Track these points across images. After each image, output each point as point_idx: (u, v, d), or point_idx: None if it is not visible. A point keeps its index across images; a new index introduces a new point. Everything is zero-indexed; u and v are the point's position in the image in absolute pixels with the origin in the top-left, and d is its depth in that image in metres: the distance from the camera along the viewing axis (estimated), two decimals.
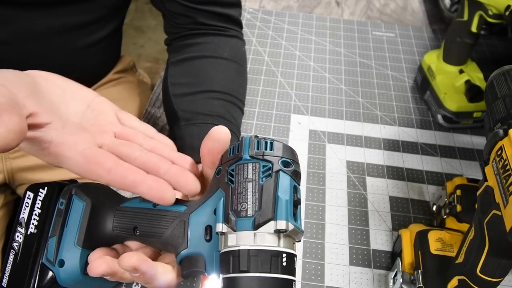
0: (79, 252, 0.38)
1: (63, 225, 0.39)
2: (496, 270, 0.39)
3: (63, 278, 0.38)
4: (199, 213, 0.36)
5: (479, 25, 0.67)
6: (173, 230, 0.36)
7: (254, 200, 0.32)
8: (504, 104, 0.39)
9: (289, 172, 0.33)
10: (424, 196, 0.63)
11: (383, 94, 0.77)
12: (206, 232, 0.35)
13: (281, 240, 0.31)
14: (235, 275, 0.31)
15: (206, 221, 0.35)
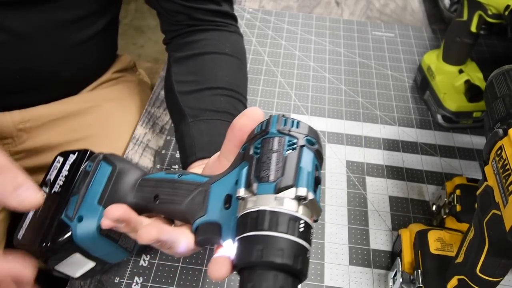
0: (100, 210, 0.38)
1: (88, 184, 0.40)
2: (495, 269, 0.39)
3: (79, 235, 0.38)
4: (221, 183, 0.36)
5: (479, 25, 0.67)
6: (193, 198, 0.37)
7: (277, 169, 0.32)
8: (504, 103, 0.39)
9: (313, 149, 0.34)
10: (423, 196, 0.63)
11: (383, 94, 0.77)
12: (226, 201, 0.35)
13: (300, 207, 0.31)
14: (250, 234, 0.31)
15: (227, 191, 0.36)
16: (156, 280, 0.52)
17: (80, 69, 0.71)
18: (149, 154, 0.66)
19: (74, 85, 0.74)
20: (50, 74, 0.67)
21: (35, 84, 0.67)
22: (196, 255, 0.55)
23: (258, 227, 0.30)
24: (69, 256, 0.40)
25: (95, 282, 0.53)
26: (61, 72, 0.68)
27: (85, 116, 0.74)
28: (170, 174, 0.39)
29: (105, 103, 0.76)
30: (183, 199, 0.37)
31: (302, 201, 0.31)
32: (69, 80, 0.71)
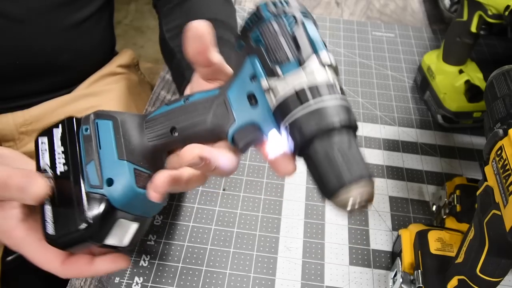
0: (125, 164, 0.35)
1: (97, 147, 0.36)
2: (496, 270, 0.39)
3: (116, 197, 0.35)
4: (236, 86, 0.35)
5: (479, 25, 0.67)
6: (215, 112, 0.35)
7: (290, 47, 0.32)
8: (504, 104, 0.39)
9: (312, 20, 0.34)
10: (424, 196, 0.63)
11: (383, 94, 0.77)
12: (250, 100, 0.34)
13: (328, 73, 0.32)
14: (299, 113, 0.30)
15: (246, 90, 0.34)
16: (156, 280, 0.52)
17: (79, 53, 0.71)
18: None
19: (75, 72, 0.73)
20: (49, 58, 0.67)
21: (35, 70, 0.67)
22: (196, 255, 0.55)
23: (304, 102, 0.30)
24: (113, 225, 0.36)
25: (95, 282, 0.53)
26: (60, 56, 0.68)
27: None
28: (174, 104, 0.37)
29: (106, 103, 0.76)
30: (205, 118, 0.35)
31: (328, 66, 0.32)
32: (69, 65, 0.70)
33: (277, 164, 0.34)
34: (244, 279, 0.53)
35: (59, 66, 0.69)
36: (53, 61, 0.68)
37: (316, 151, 0.30)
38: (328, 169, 0.30)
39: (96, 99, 0.76)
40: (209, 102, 0.36)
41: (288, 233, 0.58)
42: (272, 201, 0.61)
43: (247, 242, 0.56)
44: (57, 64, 0.69)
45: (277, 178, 0.64)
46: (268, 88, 0.32)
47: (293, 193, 0.62)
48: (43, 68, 0.68)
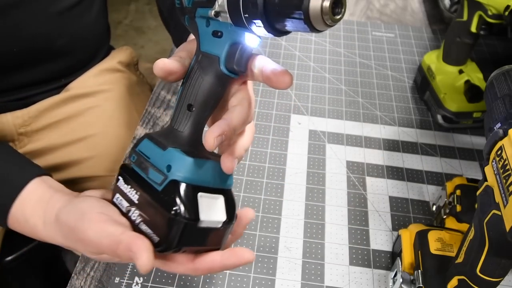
0: (171, 150, 0.39)
1: (146, 159, 0.40)
2: (496, 270, 0.39)
3: (180, 174, 0.37)
4: (202, 40, 0.40)
5: (479, 25, 0.67)
6: (204, 68, 0.40)
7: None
8: (504, 104, 0.39)
9: None
10: (424, 196, 0.63)
11: (383, 94, 0.77)
12: (216, 36, 0.39)
13: None
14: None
15: (210, 33, 0.39)
16: (156, 280, 0.52)
17: (74, 37, 0.70)
18: None
19: (73, 58, 0.72)
20: (45, 43, 0.66)
21: (32, 57, 0.66)
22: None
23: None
24: (196, 200, 0.38)
25: (95, 282, 0.53)
26: (55, 40, 0.67)
27: (85, 117, 0.74)
28: (177, 94, 0.42)
29: (105, 103, 0.76)
30: (202, 78, 0.39)
31: None
32: (65, 51, 0.70)
33: (273, 77, 0.37)
34: (244, 279, 0.53)
35: (56, 52, 0.68)
36: (49, 46, 0.67)
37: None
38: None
39: (94, 99, 0.76)
40: (196, 67, 0.40)
41: (288, 233, 0.58)
42: (272, 201, 0.61)
43: (247, 242, 0.56)
44: (53, 49, 0.68)
45: (277, 178, 0.64)
46: (216, 11, 0.36)
47: (293, 193, 0.62)
48: (40, 53, 0.67)
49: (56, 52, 0.69)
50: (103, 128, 0.75)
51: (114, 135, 0.75)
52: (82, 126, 0.74)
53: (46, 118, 0.72)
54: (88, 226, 0.39)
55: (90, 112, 0.75)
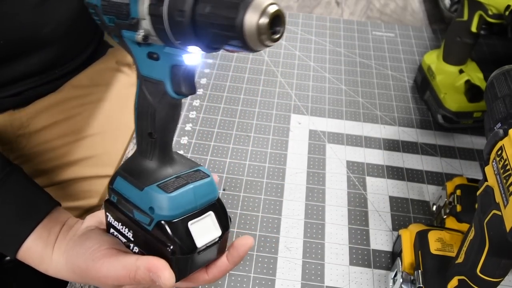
0: (147, 190, 0.38)
1: (127, 200, 0.40)
2: (496, 270, 0.39)
3: (165, 213, 0.38)
4: (139, 63, 0.38)
5: (479, 25, 0.67)
6: (152, 93, 0.38)
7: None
8: (504, 104, 0.39)
9: None
10: (424, 196, 0.63)
11: (383, 94, 0.77)
12: (152, 58, 0.37)
13: None
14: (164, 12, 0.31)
15: (144, 55, 0.37)
16: None
17: (60, 24, 0.67)
18: None
19: (63, 46, 0.70)
20: (31, 32, 0.64)
21: (20, 47, 0.65)
22: None
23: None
24: (189, 231, 0.38)
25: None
26: (41, 28, 0.65)
27: (83, 118, 0.74)
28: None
29: (103, 104, 0.76)
30: (155, 106, 0.38)
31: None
32: (54, 38, 0.68)
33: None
34: (244, 279, 0.53)
35: (43, 40, 0.66)
36: (35, 35, 0.65)
37: (201, 14, 0.29)
38: (222, 9, 0.28)
39: (92, 99, 0.75)
40: (143, 95, 0.39)
41: (288, 233, 0.58)
42: (272, 201, 0.61)
43: None
44: (40, 37, 0.66)
45: (277, 178, 0.64)
46: (144, 35, 0.33)
47: (293, 193, 0.62)
48: (27, 44, 0.65)
49: (44, 41, 0.67)
50: (102, 128, 0.74)
51: (113, 135, 0.75)
52: (81, 127, 0.73)
53: (44, 119, 0.71)
54: (101, 264, 0.41)
55: (88, 112, 0.74)
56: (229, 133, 0.69)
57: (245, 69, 0.80)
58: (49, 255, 0.47)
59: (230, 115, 0.72)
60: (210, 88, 0.76)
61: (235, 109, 0.73)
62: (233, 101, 0.74)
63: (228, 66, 0.80)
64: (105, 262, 0.41)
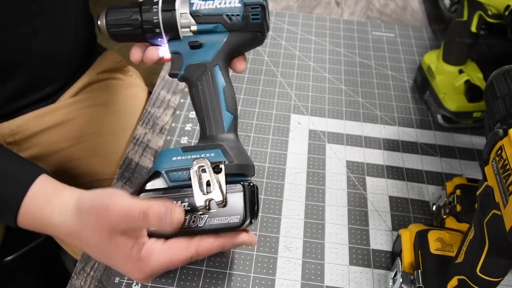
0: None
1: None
2: (496, 270, 0.39)
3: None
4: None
5: (479, 25, 0.67)
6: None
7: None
8: (504, 104, 0.39)
9: None
10: (424, 196, 0.63)
11: (383, 94, 0.77)
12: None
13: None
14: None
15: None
16: (156, 280, 0.52)
17: (50, 38, 0.66)
18: (149, 154, 0.66)
19: (54, 62, 0.68)
20: (21, 45, 0.63)
21: (11, 61, 0.63)
22: None
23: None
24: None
25: (95, 282, 0.53)
26: (31, 42, 0.63)
27: (74, 124, 0.72)
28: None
29: (94, 108, 0.74)
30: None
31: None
32: (44, 54, 0.66)
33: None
34: (244, 279, 0.53)
35: (33, 55, 0.64)
36: (27, 48, 0.63)
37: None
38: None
39: (81, 105, 0.74)
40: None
41: (288, 233, 0.58)
42: (272, 201, 0.61)
43: None
44: (31, 51, 0.64)
45: (277, 178, 0.64)
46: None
47: (293, 193, 0.62)
48: (18, 57, 0.63)
49: (34, 56, 0.65)
50: (94, 134, 0.73)
51: (105, 141, 0.74)
52: (72, 133, 0.72)
53: (34, 126, 0.69)
54: (117, 198, 0.42)
55: (79, 119, 0.73)
56: None
57: (245, 69, 0.80)
58: (59, 194, 0.46)
59: None
60: None
61: None
62: None
63: None
64: (124, 197, 0.43)
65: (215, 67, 0.49)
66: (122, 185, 0.62)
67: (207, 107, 0.48)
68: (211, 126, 0.48)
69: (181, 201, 0.46)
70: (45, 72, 0.68)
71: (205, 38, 0.49)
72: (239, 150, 0.48)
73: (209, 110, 0.48)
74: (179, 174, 0.46)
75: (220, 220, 0.45)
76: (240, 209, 0.45)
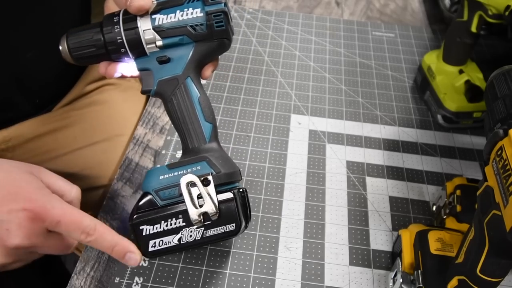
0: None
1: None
2: (496, 270, 0.39)
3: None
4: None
5: (479, 25, 0.67)
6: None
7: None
8: (504, 104, 0.39)
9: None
10: (424, 196, 0.63)
11: (383, 94, 0.77)
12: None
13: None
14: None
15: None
16: (156, 280, 0.52)
17: (42, 48, 0.64)
18: (149, 154, 0.66)
19: (48, 71, 0.68)
20: (12, 53, 0.62)
21: (5, 71, 0.62)
22: (196, 255, 0.55)
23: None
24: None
25: (95, 282, 0.53)
26: (24, 52, 0.63)
27: (69, 130, 0.72)
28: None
29: (91, 116, 0.73)
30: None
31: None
32: (36, 64, 0.65)
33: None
34: (244, 279, 0.53)
35: (26, 63, 0.64)
36: (18, 57, 0.62)
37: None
38: None
39: (79, 112, 0.73)
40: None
41: (288, 233, 0.58)
42: (272, 201, 0.61)
43: (247, 242, 0.56)
44: (23, 60, 0.63)
45: (277, 178, 0.64)
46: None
47: (293, 193, 0.62)
48: (10, 66, 0.62)
49: (27, 66, 0.64)
50: (89, 140, 0.73)
51: (101, 148, 0.73)
52: (67, 139, 0.71)
53: (27, 134, 0.68)
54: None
55: (74, 125, 0.72)
56: (229, 133, 0.69)
57: (245, 69, 0.80)
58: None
59: (230, 115, 0.72)
60: (210, 88, 0.76)
61: (235, 109, 0.73)
62: (233, 101, 0.74)
63: (228, 66, 0.80)
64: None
65: (186, 79, 0.49)
66: (122, 185, 0.62)
67: (185, 121, 0.49)
68: (192, 139, 0.49)
69: (175, 218, 0.46)
70: (39, 81, 0.68)
71: (172, 51, 0.49)
72: (224, 159, 0.49)
73: (187, 123, 0.49)
74: (169, 191, 0.47)
75: (216, 230, 0.46)
76: (234, 216, 0.46)
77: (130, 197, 0.61)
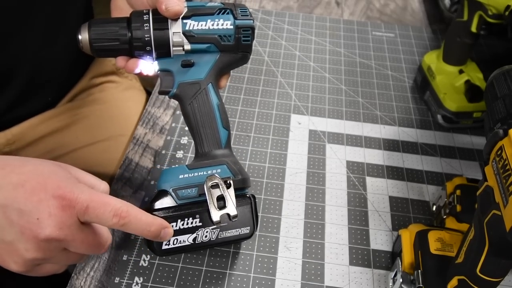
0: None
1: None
2: (496, 270, 0.39)
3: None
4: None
5: (479, 25, 0.67)
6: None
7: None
8: (504, 104, 0.39)
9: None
10: (424, 196, 0.63)
11: (383, 94, 0.77)
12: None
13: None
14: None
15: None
16: (156, 280, 0.52)
17: (56, 46, 0.65)
18: (149, 154, 0.66)
19: (52, 69, 0.68)
20: (27, 52, 0.62)
21: (12, 68, 0.62)
22: (196, 255, 0.55)
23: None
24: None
25: (95, 282, 0.53)
26: (38, 50, 0.63)
27: (71, 129, 0.72)
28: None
29: (90, 113, 0.73)
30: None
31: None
32: (46, 62, 0.65)
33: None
34: (244, 279, 0.53)
35: (37, 64, 0.64)
36: (30, 55, 0.63)
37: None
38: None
39: (81, 110, 0.73)
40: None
41: (288, 233, 0.58)
42: (272, 200, 0.61)
43: (247, 242, 0.56)
44: (33, 58, 0.63)
45: (277, 178, 0.64)
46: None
47: (293, 193, 0.62)
48: (20, 65, 0.62)
49: (35, 64, 0.64)
50: (90, 141, 0.73)
51: (102, 147, 0.73)
52: (69, 139, 0.71)
53: (30, 135, 0.68)
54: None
55: (76, 125, 0.72)
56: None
57: (245, 69, 0.80)
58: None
59: (230, 115, 0.72)
60: None
61: (235, 109, 0.73)
62: (233, 101, 0.74)
63: None
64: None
65: (208, 85, 0.50)
66: (122, 185, 0.62)
67: (204, 124, 0.50)
68: (208, 143, 0.50)
69: (192, 217, 0.47)
70: (44, 80, 0.68)
71: (197, 57, 0.50)
72: (238, 165, 0.50)
73: (206, 127, 0.50)
74: (188, 191, 0.48)
75: (231, 232, 0.48)
76: (249, 220, 0.49)
77: (130, 197, 0.61)
